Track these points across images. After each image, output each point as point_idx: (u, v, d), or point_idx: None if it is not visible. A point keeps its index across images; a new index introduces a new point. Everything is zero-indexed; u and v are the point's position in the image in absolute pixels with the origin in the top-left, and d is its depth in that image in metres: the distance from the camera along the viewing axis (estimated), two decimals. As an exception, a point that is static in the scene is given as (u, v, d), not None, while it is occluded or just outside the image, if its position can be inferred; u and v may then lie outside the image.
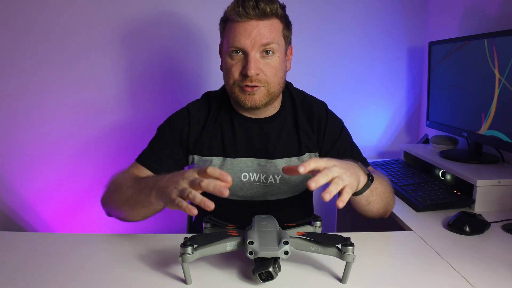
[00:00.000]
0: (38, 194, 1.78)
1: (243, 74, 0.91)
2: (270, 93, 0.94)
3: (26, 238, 0.90)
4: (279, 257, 0.68)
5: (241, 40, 0.89)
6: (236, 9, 0.88)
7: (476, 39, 1.28)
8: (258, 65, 0.91)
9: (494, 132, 1.22)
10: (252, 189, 1.02)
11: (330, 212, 1.95)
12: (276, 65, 0.93)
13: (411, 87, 1.89)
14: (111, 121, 1.77)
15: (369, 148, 1.91)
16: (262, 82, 0.92)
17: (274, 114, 1.03)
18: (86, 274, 0.74)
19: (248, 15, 0.88)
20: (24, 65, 1.67)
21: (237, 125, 1.01)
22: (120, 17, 1.67)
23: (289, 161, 1.01)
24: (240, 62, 0.92)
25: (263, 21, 0.89)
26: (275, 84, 0.94)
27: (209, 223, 0.89)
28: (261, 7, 0.88)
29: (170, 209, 0.72)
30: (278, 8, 0.91)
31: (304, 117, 1.04)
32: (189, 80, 1.77)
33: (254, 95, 0.93)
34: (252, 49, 0.89)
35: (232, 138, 1.01)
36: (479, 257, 0.84)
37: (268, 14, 0.89)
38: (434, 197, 1.16)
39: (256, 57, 0.91)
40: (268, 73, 0.92)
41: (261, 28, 0.89)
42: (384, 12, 1.79)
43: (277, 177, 1.01)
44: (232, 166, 1.00)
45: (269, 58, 0.92)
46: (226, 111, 1.03)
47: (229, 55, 0.93)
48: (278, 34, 0.92)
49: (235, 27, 0.90)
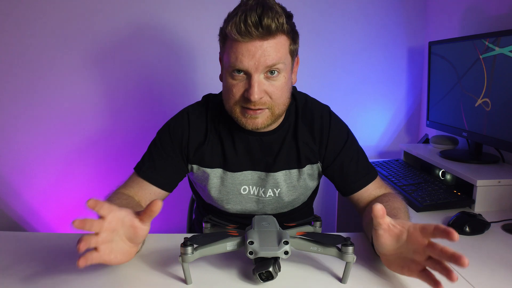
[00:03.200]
0: (38, 194, 1.78)
1: (245, 97, 0.83)
2: (274, 115, 0.87)
3: (26, 238, 0.90)
4: (279, 257, 0.68)
5: (244, 61, 0.80)
6: (238, 28, 0.78)
7: (476, 39, 1.28)
8: (262, 87, 0.83)
9: (493, 132, 1.22)
10: (251, 203, 0.99)
11: (330, 212, 1.95)
12: (281, 85, 0.85)
13: (411, 87, 1.89)
14: (112, 122, 1.77)
15: (369, 148, 1.91)
16: (266, 105, 0.85)
17: (276, 127, 0.96)
18: (86, 274, 0.74)
19: (251, 35, 0.78)
20: (24, 65, 1.67)
21: (237, 139, 0.96)
22: (118, 19, 1.67)
23: (289, 173, 0.97)
24: (242, 83, 0.83)
25: (268, 40, 0.80)
26: (280, 105, 0.87)
27: (209, 223, 0.89)
28: (265, 24, 0.77)
29: (170, 210, 0.71)
30: (284, 22, 0.80)
31: (305, 127, 0.98)
32: (187, 82, 1.77)
33: (257, 119, 0.86)
34: (256, 71, 0.81)
35: (233, 151, 0.96)
36: (479, 257, 0.84)
37: (273, 32, 0.79)
38: (434, 197, 1.16)
39: (260, 79, 0.82)
40: (273, 95, 0.84)
41: (266, 49, 0.80)
42: (384, 12, 1.79)
43: (276, 191, 0.98)
44: (232, 180, 0.96)
45: (274, 79, 0.84)
46: (225, 122, 0.96)
47: (230, 74, 0.84)
48: (284, 52, 0.83)
49: (236, 47, 0.80)
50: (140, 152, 1.02)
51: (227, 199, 0.98)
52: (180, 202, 1.72)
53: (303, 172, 0.98)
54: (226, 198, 0.98)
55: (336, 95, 1.84)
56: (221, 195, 0.98)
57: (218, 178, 0.96)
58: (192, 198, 1.42)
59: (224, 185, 0.97)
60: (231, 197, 0.98)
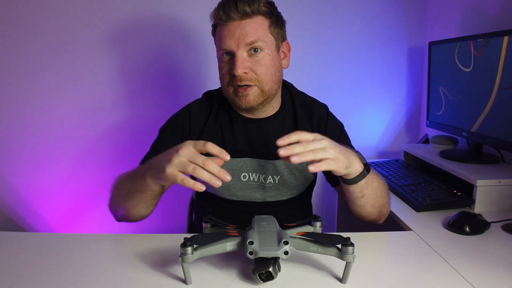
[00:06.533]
0: (39, 194, 1.78)
1: (232, 74, 0.91)
2: (264, 91, 0.94)
3: (26, 238, 0.90)
4: (279, 257, 0.68)
5: (226, 41, 0.90)
6: (217, 13, 0.90)
7: (476, 39, 1.28)
8: (246, 64, 0.90)
9: (493, 132, 1.22)
10: (252, 189, 1.02)
11: (330, 212, 1.95)
12: (266, 62, 0.92)
13: (411, 87, 1.89)
14: (113, 122, 1.77)
15: (369, 148, 1.91)
16: (253, 81, 0.92)
17: (273, 114, 1.02)
18: (86, 274, 0.74)
19: (230, 17, 0.89)
20: (25, 66, 1.67)
21: (236, 125, 1.01)
22: (119, 17, 1.67)
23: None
24: (229, 63, 0.92)
25: (246, 20, 0.90)
26: (268, 81, 0.93)
27: (209, 223, 0.89)
28: (241, 8, 0.88)
29: (170, 210, 0.72)
30: (260, 5, 0.90)
31: (305, 117, 1.03)
32: (189, 81, 1.77)
33: (248, 96, 0.93)
34: (237, 49, 0.90)
35: (232, 138, 1.01)
36: (479, 257, 0.84)
37: (250, 13, 0.89)
38: (434, 197, 1.16)
39: (243, 56, 0.90)
40: (258, 71, 0.91)
41: (244, 27, 0.89)
42: (384, 12, 1.79)
43: (276, 178, 1.01)
44: (232, 166, 1.00)
45: (257, 56, 0.91)
46: (225, 111, 1.03)
47: (219, 58, 0.94)
48: (263, 31, 0.91)
49: (220, 30, 0.92)
50: (140, 152, 1.02)
51: (228, 185, 1.00)
52: (180, 202, 1.72)
53: (302, 160, 1.00)
54: (227, 184, 1.00)
55: (336, 95, 1.84)
56: (222, 182, 0.99)
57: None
58: (192, 198, 1.42)
59: None
60: (231, 184, 1.00)
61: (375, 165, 1.54)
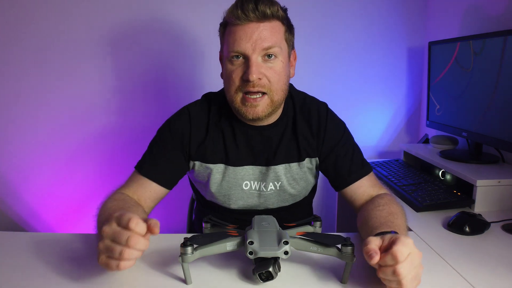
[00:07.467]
0: (38, 194, 1.78)
1: (244, 79, 0.86)
2: (274, 102, 0.89)
3: (26, 238, 0.90)
4: (279, 257, 0.68)
5: (242, 44, 0.85)
6: (235, 12, 0.84)
7: (476, 39, 1.28)
8: (260, 69, 0.86)
9: (493, 132, 1.22)
10: (253, 198, 1.00)
11: (330, 212, 1.95)
12: (279, 70, 0.88)
13: (411, 87, 1.89)
14: (111, 122, 1.77)
15: (369, 148, 1.91)
16: (265, 88, 0.87)
17: (275, 120, 0.98)
18: (86, 274, 0.74)
19: (248, 18, 0.84)
20: (24, 66, 1.67)
21: (238, 132, 0.97)
22: (116, 19, 1.67)
23: (289, 167, 0.98)
24: (241, 67, 0.87)
25: (264, 23, 0.85)
26: (279, 91, 0.89)
27: (209, 223, 0.89)
28: (261, 9, 0.83)
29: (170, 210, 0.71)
30: (279, 10, 0.87)
31: (303, 122, 1.00)
32: (186, 82, 1.77)
33: (257, 107, 0.88)
34: (253, 53, 0.85)
35: (234, 146, 0.97)
36: (479, 257, 0.84)
37: (269, 16, 0.85)
38: (434, 197, 1.16)
39: (257, 61, 0.86)
40: (271, 78, 0.87)
41: (262, 31, 0.85)
42: (384, 12, 1.79)
43: (277, 184, 0.99)
44: (234, 175, 0.97)
45: (271, 62, 0.87)
46: (227, 117, 0.98)
47: (229, 60, 0.88)
48: (280, 37, 0.88)
49: (234, 31, 0.86)
50: (140, 152, 1.02)
51: (229, 194, 0.98)
52: (180, 202, 1.72)
53: (303, 166, 1.00)
54: (228, 193, 0.98)
55: (336, 95, 1.84)
56: (223, 191, 0.98)
57: (220, 173, 0.97)
58: (192, 198, 1.42)
59: (225, 180, 0.97)
60: (233, 193, 0.98)
61: (375, 165, 1.55)
